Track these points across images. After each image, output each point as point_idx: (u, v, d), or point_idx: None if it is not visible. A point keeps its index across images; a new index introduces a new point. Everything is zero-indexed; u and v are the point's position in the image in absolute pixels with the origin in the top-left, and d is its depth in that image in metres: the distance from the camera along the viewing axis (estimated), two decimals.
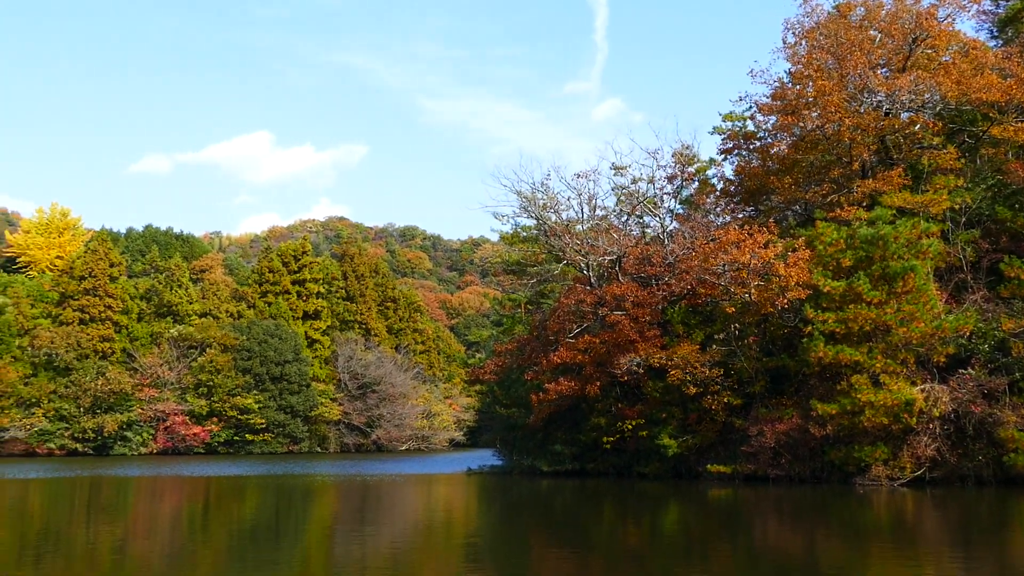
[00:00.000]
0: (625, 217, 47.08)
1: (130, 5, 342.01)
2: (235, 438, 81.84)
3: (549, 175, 49.62)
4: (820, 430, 32.02)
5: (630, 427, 38.25)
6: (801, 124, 38.85)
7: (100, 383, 76.33)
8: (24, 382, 75.66)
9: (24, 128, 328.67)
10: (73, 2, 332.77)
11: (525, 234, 50.65)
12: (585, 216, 46.09)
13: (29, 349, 77.72)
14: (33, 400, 75.61)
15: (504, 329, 58.15)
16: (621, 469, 40.36)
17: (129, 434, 78.31)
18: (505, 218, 48.68)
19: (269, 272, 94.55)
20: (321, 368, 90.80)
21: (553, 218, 45.77)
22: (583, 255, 42.98)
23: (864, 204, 36.43)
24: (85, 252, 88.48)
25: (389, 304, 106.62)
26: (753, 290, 35.29)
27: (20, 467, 53.76)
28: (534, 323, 47.76)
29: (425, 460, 65.83)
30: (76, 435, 76.65)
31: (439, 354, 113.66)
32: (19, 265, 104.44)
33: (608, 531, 21.07)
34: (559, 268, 47.31)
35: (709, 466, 36.02)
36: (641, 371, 38.10)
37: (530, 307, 53.95)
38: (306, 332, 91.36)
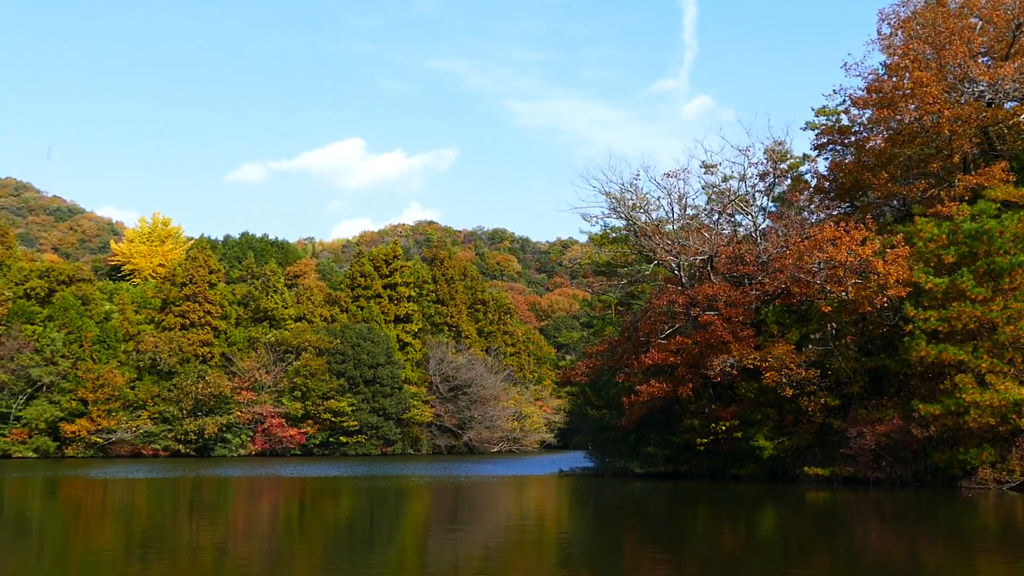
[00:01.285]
0: (716, 216, 46.43)
1: (228, 21, 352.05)
2: (330, 440, 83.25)
3: (638, 175, 48.75)
4: (923, 431, 31.04)
5: (724, 428, 37.68)
6: (898, 117, 37.78)
7: (201, 387, 78.55)
8: (130, 386, 78.36)
9: (128, 142, 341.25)
10: (174, 21, 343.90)
11: (614, 235, 50.32)
12: (675, 215, 45.65)
13: (134, 354, 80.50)
14: (139, 403, 78.24)
15: (594, 331, 57.89)
16: (715, 471, 39.81)
17: (229, 436, 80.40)
18: (594, 219, 48.40)
19: (361, 276, 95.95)
20: (413, 371, 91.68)
21: (643, 218, 45.42)
22: (674, 255, 42.53)
23: (966, 198, 35.22)
24: (185, 260, 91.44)
25: (479, 307, 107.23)
26: (850, 288, 34.42)
27: (127, 468, 55.64)
28: (625, 324, 47.45)
29: (516, 462, 65.96)
30: (179, 437, 79.03)
31: (529, 356, 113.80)
32: (124, 273, 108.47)
33: (704, 534, 20.81)
34: (649, 269, 46.86)
35: (806, 468, 35.26)
36: (735, 372, 37.49)
37: (620, 308, 53.58)
38: (398, 335, 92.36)
